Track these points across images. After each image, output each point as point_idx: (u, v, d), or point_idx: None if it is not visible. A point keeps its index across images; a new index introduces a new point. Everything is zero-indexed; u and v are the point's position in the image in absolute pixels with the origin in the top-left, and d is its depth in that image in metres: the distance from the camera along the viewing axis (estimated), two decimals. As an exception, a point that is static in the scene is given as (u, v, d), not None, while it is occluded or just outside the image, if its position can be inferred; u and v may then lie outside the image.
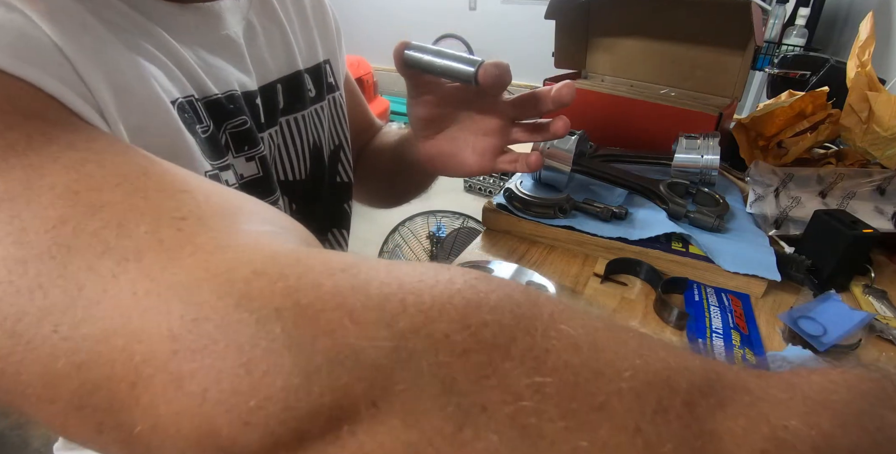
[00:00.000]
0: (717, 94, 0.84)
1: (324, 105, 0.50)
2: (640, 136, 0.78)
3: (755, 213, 0.61)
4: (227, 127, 0.38)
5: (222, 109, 0.37)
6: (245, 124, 0.39)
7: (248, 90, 0.40)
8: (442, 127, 0.47)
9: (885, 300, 0.51)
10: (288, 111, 0.46)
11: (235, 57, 0.40)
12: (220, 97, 0.37)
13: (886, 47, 1.17)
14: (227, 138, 0.38)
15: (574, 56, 0.94)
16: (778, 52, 1.57)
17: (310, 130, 0.48)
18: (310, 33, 0.49)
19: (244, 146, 0.39)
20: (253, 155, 0.40)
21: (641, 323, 0.46)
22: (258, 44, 0.42)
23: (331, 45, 0.52)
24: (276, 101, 0.44)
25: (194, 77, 0.35)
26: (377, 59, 3.88)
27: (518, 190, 0.61)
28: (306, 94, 0.48)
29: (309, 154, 0.49)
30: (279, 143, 0.45)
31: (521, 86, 3.63)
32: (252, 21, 0.42)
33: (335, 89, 0.53)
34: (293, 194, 0.48)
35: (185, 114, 0.33)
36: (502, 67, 0.38)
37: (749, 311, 0.47)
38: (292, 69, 0.45)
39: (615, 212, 0.58)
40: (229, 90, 0.38)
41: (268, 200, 0.41)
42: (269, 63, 0.43)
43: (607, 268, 0.52)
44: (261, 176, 0.40)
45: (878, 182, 0.62)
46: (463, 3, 3.68)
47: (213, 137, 0.36)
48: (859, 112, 0.61)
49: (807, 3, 1.66)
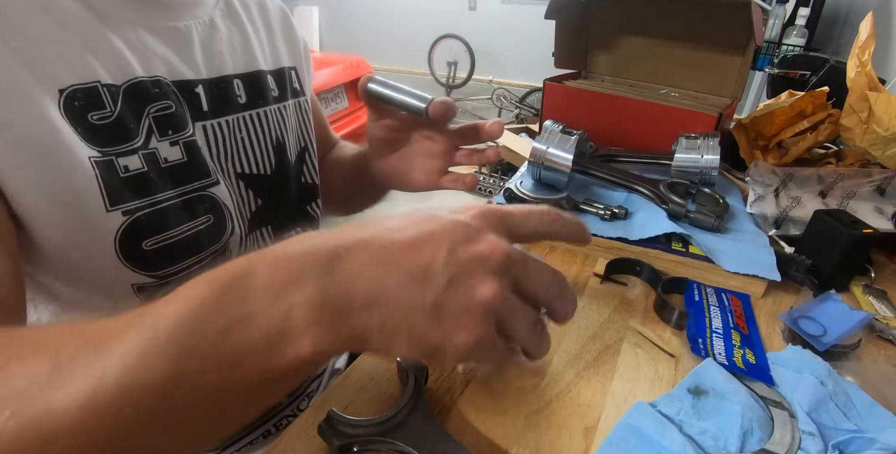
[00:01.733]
0: (717, 94, 0.84)
1: (287, 105, 0.53)
2: (640, 136, 0.78)
3: (755, 213, 0.61)
4: (151, 110, 0.39)
5: (146, 93, 0.39)
6: (169, 108, 0.40)
7: (185, 79, 0.42)
8: (396, 148, 0.52)
9: (885, 300, 0.51)
10: (250, 106, 0.49)
11: (179, 47, 0.42)
12: (144, 80, 0.39)
13: (886, 47, 1.17)
14: (151, 122, 0.39)
15: (574, 56, 0.94)
16: (778, 52, 1.57)
17: (272, 127, 0.51)
18: (274, 40, 0.54)
19: (168, 130, 0.40)
20: (177, 139, 0.41)
21: (641, 323, 0.46)
22: (217, 39, 0.46)
23: (297, 57, 0.57)
24: (231, 93, 0.47)
25: (115, 61, 0.37)
26: (377, 59, 3.88)
27: (518, 190, 0.61)
28: (269, 92, 0.51)
29: (273, 150, 0.51)
30: (241, 136, 0.48)
31: (521, 86, 3.63)
32: (215, 20, 0.46)
33: (301, 95, 0.56)
34: (258, 188, 0.50)
35: (77, 102, 0.35)
36: (448, 105, 0.44)
37: (749, 311, 0.47)
38: (252, 68, 0.49)
39: (615, 212, 0.58)
40: (156, 75, 0.40)
41: (200, 183, 0.42)
42: (227, 58, 0.46)
43: (607, 269, 0.52)
44: (185, 160, 0.41)
45: (878, 182, 0.62)
46: (463, 3, 3.68)
47: (119, 122, 0.37)
48: (859, 112, 0.61)
49: (807, 3, 1.66)
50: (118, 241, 0.37)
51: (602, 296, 0.50)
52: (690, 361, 0.41)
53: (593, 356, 0.42)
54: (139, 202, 0.38)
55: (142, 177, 0.38)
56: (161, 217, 0.39)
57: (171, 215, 0.40)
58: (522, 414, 0.36)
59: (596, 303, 0.49)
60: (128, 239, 0.37)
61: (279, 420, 0.55)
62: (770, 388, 0.37)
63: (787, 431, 0.34)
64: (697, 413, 0.35)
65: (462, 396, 0.37)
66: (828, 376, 0.38)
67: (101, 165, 0.36)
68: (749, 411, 0.34)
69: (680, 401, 0.36)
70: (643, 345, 0.43)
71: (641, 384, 0.39)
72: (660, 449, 0.32)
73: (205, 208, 0.43)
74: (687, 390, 0.37)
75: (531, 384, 0.39)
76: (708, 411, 0.35)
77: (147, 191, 0.38)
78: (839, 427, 0.34)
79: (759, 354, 0.41)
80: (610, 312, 0.48)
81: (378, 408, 0.36)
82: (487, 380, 0.39)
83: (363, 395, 0.37)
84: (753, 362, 0.40)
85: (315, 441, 0.32)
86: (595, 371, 0.40)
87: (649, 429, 0.33)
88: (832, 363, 0.40)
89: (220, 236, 0.44)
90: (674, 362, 0.42)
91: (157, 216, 0.39)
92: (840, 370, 0.40)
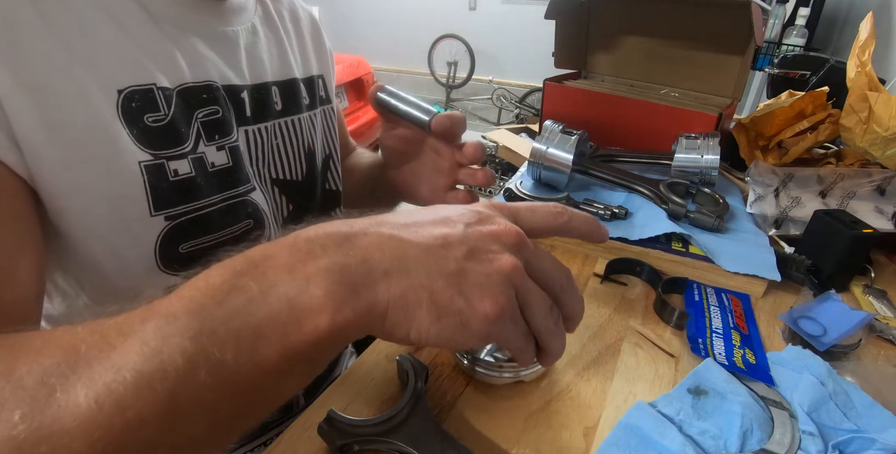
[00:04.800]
0: (717, 94, 0.84)
1: (317, 113, 0.54)
2: (640, 136, 0.78)
3: (755, 213, 0.61)
4: (199, 115, 0.39)
5: (195, 97, 0.39)
6: (217, 113, 0.40)
7: (232, 84, 0.42)
8: (407, 159, 0.51)
9: (885, 300, 0.51)
10: (285, 113, 0.49)
11: (227, 52, 0.42)
12: (194, 85, 0.39)
13: (886, 47, 1.17)
14: (199, 126, 0.39)
15: (574, 56, 0.94)
16: (778, 52, 1.57)
17: (304, 134, 0.51)
18: (305, 49, 0.54)
19: (215, 135, 0.40)
20: (223, 144, 0.41)
21: (641, 323, 0.46)
22: (259, 46, 0.46)
23: (325, 64, 0.58)
24: (269, 100, 0.47)
25: (169, 65, 0.37)
26: (377, 59, 3.89)
27: (518, 190, 0.61)
28: (301, 100, 0.51)
29: (304, 157, 0.51)
30: (276, 142, 0.48)
31: (521, 86, 3.63)
32: (257, 26, 0.46)
33: (328, 102, 0.57)
34: (290, 194, 0.50)
35: (134, 103, 0.35)
36: (453, 120, 0.43)
37: (749, 311, 0.47)
38: (287, 76, 0.49)
39: (615, 212, 0.58)
40: (207, 80, 0.40)
41: (244, 188, 0.43)
42: (266, 65, 0.47)
43: (607, 269, 0.52)
44: (230, 166, 0.41)
45: (878, 182, 0.62)
46: (463, 3, 3.68)
47: (172, 126, 0.37)
48: (859, 112, 0.61)
49: (807, 3, 1.66)
50: (158, 246, 0.37)
51: (602, 296, 0.50)
52: (690, 361, 0.41)
53: (593, 356, 0.42)
54: (185, 207, 0.38)
55: (190, 181, 0.38)
56: (204, 222, 0.39)
57: (213, 220, 0.40)
58: (522, 414, 0.36)
59: (596, 303, 0.49)
60: (167, 243, 0.37)
61: None
62: (770, 388, 0.37)
63: (787, 431, 0.34)
64: (697, 413, 0.35)
65: (462, 396, 0.37)
66: (828, 376, 0.38)
67: (151, 169, 0.35)
68: (749, 411, 0.34)
69: (680, 401, 0.36)
70: (643, 345, 0.43)
71: (641, 384, 0.39)
72: (660, 449, 0.32)
73: (246, 213, 0.43)
74: (687, 390, 0.37)
75: (531, 384, 0.39)
76: (708, 411, 0.35)
77: (193, 195, 0.38)
78: (839, 427, 0.34)
79: (759, 354, 0.41)
80: (610, 312, 0.47)
81: (378, 408, 0.36)
82: (488, 380, 0.39)
83: (363, 395, 0.37)
84: (753, 362, 0.40)
85: (315, 441, 0.32)
86: (595, 371, 0.40)
87: (649, 429, 0.33)
88: (832, 363, 0.40)
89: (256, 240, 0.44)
90: (674, 362, 0.42)
91: (200, 221, 0.39)
92: (840, 370, 0.40)
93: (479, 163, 0.46)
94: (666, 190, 0.62)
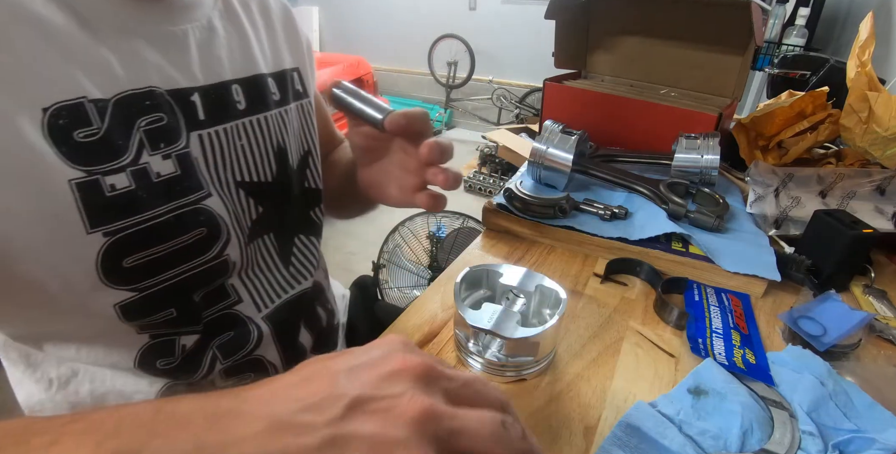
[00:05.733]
0: (717, 94, 0.84)
1: (290, 109, 0.51)
2: (640, 136, 0.78)
3: (755, 213, 0.61)
4: (141, 123, 0.37)
5: (136, 105, 0.37)
6: (161, 120, 0.38)
7: (180, 87, 0.40)
8: (376, 157, 0.49)
9: (885, 300, 0.51)
10: (251, 111, 0.46)
11: (174, 53, 0.40)
12: (134, 92, 0.37)
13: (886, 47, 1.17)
14: (142, 135, 0.37)
15: (574, 56, 0.94)
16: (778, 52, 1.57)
17: (274, 133, 0.49)
18: (276, 41, 0.51)
19: (160, 143, 0.38)
20: (170, 152, 0.39)
21: (641, 323, 0.46)
22: (215, 43, 0.44)
23: (300, 56, 0.54)
24: (229, 99, 0.44)
25: (103, 73, 0.35)
26: (377, 59, 3.89)
27: (518, 190, 0.61)
28: (270, 96, 0.48)
29: (274, 156, 0.49)
30: (241, 144, 0.46)
31: (521, 86, 3.62)
32: (213, 22, 0.44)
33: (304, 97, 0.54)
34: (259, 196, 0.48)
35: (61, 120, 0.33)
36: (410, 116, 0.41)
37: (749, 311, 0.47)
38: (251, 72, 0.47)
39: (615, 212, 0.58)
40: (149, 86, 0.38)
41: (195, 196, 0.40)
42: (225, 63, 0.44)
43: (607, 269, 0.53)
44: (178, 174, 0.39)
45: (878, 182, 0.62)
46: (463, 3, 3.67)
47: (107, 139, 0.35)
48: (859, 112, 0.61)
49: (807, 3, 1.66)
50: (100, 263, 0.35)
51: (602, 296, 0.50)
52: (690, 361, 0.41)
53: (593, 356, 0.42)
54: (124, 222, 0.36)
55: (129, 195, 0.36)
56: (148, 234, 0.37)
57: (160, 231, 0.38)
58: (523, 413, 0.36)
59: (596, 303, 0.49)
60: (110, 258, 0.36)
61: None
62: (770, 388, 0.37)
63: (787, 431, 0.34)
64: (697, 413, 0.35)
65: (462, 396, 0.37)
66: (828, 376, 0.38)
67: (83, 186, 0.34)
68: (749, 411, 0.34)
69: (680, 401, 0.36)
70: (643, 345, 0.43)
71: (641, 384, 0.39)
72: (659, 449, 0.32)
73: (198, 221, 0.41)
74: (687, 390, 0.37)
75: (531, 383, 0.39)
76: (708, 411, 0.35)
77: (135, 209, 0.36)
78: (839, 427, 0.34)
79: (759, 354, 0.41)
80: (610, 312, 0.48)
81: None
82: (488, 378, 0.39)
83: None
84: (753, 362, 0.40)
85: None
86: (595, 371, 0.40)
87: (649, 429, 0.33)
88: (832, 363, 0.40)
89: (210, 247, 0.42)
90: (674, 362, 0.42)
91: (144, 234, 0.37)
92: (840, 370, 0.40)
93: (442, 162, 0.43)
94: (666, 190, 0.62)
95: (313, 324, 0.56)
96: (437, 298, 0.49)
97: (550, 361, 0.41)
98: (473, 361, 0.40)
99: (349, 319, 0.70)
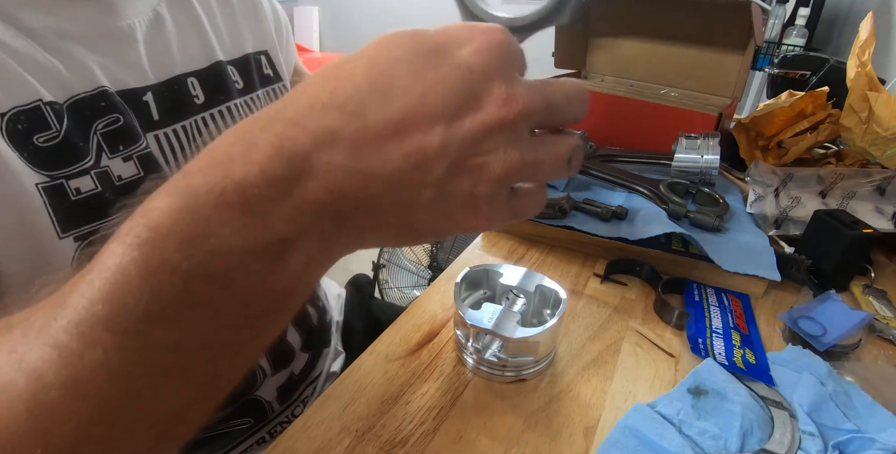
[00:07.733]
0: (717, 94, 0.84)
1: (258, 95, 0.49)
2: (640, 136, 0.78)
3: (755, 212, 0.61)
4: (98, 126, 0.36)
5: (91, 108, 0.36)
6: (118, 122, 0.37)
7: (129, 87, 0.39)
8: None
9: (885, 300, 0.51)
10: (210, 104, 0.45)
11: (119, 52, 0.38)
12: (87, 95, 0.36)
13: (886, 47, 1.17)
14: (99, 138, 0.36)
15: (574, 56, 0.94)
16: (778, 52, 1.57)
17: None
18: (236, 26, 0.49)
19: (119, 145, 0.37)
20: (130, 154, 0.38)
21: (641, 323, 0.46)
22: (164, 36, 0.42)
23: (267, 37, 0.52)
24: (185, 95, 0.43)
25: (53, 77, 0.34)
26: (377, 59, 3.88)
27: (518, 190, 0.60)
28: (232, 85, 0.47)
29: None
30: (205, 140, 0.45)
31: (521, 86, 3.63)
32: (161, 13, 0.42)
33: (275, 81, 0.52)
34: None
35: (20, 125, 0.32)
36: None
37: (749, 311, 0.47)
38: (208, 62, 0.45)
39: (615, 212, 0.58)
40: (100, 87, 0.37)
41: None
42: (176, 56, 0.42)
43: (607, 269, 0.52)
44: (141, 176, 0.38)
45: (878, 182, 0.62)
46: (463, 3, 3.68)
47: (67, 142, 0.34)
48: (859, 112, 0.61)
49: (807, 3, 1.66)
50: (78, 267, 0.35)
51: (602, 296, 0.50)
52: (690, 361, 0.41)
53: (593, 356, 0.42)
54: (94, 225, 0.35)
55: (96, 198, 0.35)
56: None
57: None
58: (522, 413, 0.36)
59: (596, 303, 0.49)
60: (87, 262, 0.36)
61: (273, 427, 0.53)
62: (770, 388, 0.37)
63: (787, 431, 0.34)
64: (697, 413, 0.35)
65: (462, 396, 0.37)
66: (828, 376, 0.38)
67: (50, 191, 0.33)
68: (749, 411, 0.34)
69: (680, 402, 0.36)
70: (643, 345, 0.43)
71: (641, 384, 0.39)
72: (658, 450, 0.32)
73: None
74: (687, 390, 0.37)
75: (531, 383, 0.39)
76: (708, 411, 0.35)
77: (103, 212, 0.36)
78: (839, 427, 0.34)
79: (759, 354, 0.41)
80: (610, 312, 0.47)
81: (378, 408, 0.36)
82: (491, 379, 0.39)
83: (364, 395, 0.37)
84: (753, 362, 0.40)
85: (315, 441, 0.32)
86: (595, 371, 0.40)
87: (648, 430, 0.33)
88: (832, 363, 0.40)
89: None
90: (674, 362, 0.42)
91: None
92: (840, 370, 0.40)
93: None
94: (666, 190, 0.62)
95: (302, 323, 0.55)
96: (436, 298, 0.49)
97: (550, 361, 0.41)
98: (473, 361, 0.40)
99: (345, 318, 0.70)
